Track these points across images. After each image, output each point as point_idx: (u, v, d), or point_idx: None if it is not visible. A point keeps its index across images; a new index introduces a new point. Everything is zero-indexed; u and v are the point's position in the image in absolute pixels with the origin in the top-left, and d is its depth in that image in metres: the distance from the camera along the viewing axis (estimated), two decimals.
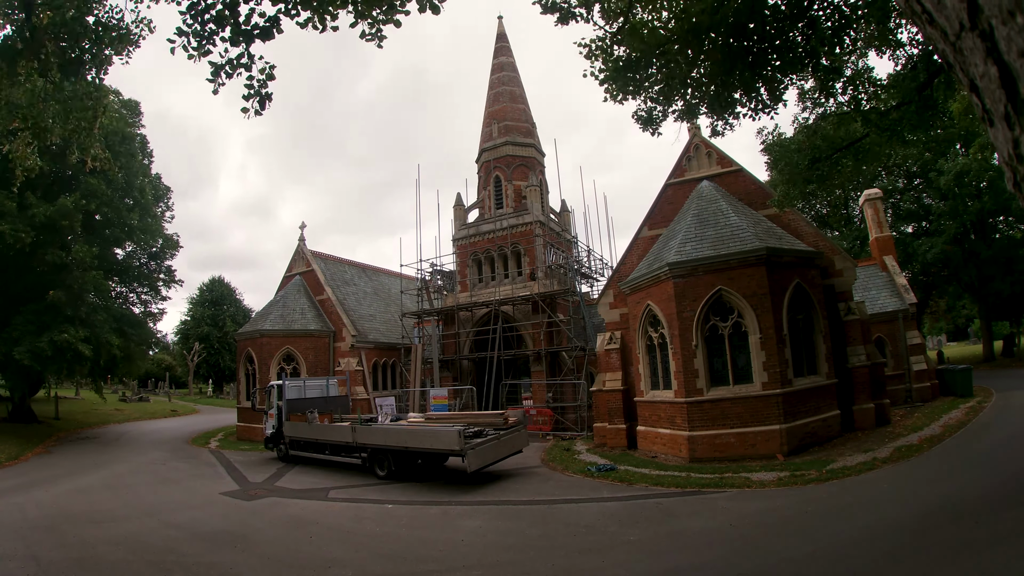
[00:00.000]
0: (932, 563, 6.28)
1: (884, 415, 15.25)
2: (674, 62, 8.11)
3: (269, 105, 6.51)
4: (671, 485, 11.35)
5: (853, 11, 8.26)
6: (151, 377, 59.47)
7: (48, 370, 25.09)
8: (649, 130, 9.34)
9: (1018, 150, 1.07)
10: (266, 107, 6.52)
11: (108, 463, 17.71)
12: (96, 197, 22.08)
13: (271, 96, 6.49)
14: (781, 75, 8.63)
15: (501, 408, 20.50)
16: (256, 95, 6.41)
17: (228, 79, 6.35)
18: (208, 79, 6.29)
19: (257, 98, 6.43)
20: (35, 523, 10.26)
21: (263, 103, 6.49)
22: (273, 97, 6.50)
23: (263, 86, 6.40)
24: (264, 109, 6.53)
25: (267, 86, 6.43)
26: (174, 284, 29.11)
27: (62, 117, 8.02)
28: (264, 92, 6.43)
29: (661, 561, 7.24)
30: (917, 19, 1.27)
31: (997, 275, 30.23)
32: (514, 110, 26.86)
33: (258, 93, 6.41)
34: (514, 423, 14.48)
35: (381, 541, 8.77)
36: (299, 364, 24.61)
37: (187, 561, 7.93)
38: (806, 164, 11.72)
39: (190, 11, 5.97)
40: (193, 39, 6.05)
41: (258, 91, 6.40)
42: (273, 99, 6.50)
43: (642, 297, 15.53)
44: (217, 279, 59.66)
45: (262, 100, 6.46)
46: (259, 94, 6.41)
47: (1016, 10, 0.94)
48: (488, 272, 25.14)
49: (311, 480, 14.33)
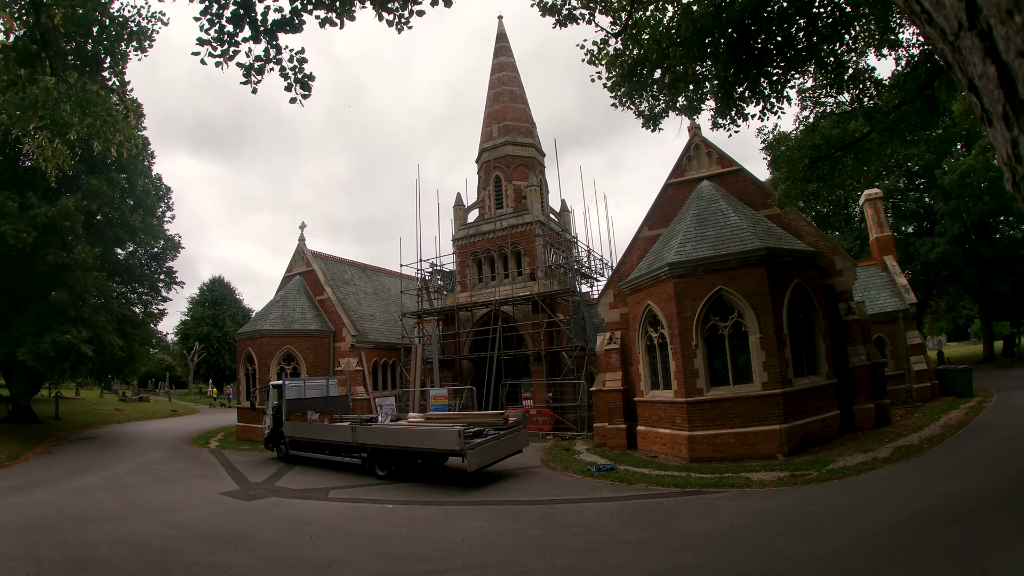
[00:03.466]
0: (932, 563, 6.27)
1: (884, 415, 15.24)
2: (678, 62, 8.11)
3: (312, 86, 6.44)
4: (671, 485, 11.35)
5: (854, 8, 8.26)
6: (151, 377, 59.51)
7: (51, 371, 25.11)
8: (649, 126, 9.33)
9: (1017, 150, 1.07)
10: (310, 89, 6.47)
11: (108, 463, 17.71)
12: (97, 197, 22.06)
13: (312, 76, 6.43)
14: (783, 73, 8.63)
15: (501, 408, 20.48)
16: (296, 81, 6.37)
17: (261, 76, 6.31)
18: (242, 82, 6.27)
19: (298, 84, 6.39)
20: (35, 523, 10.26)
21: (306, 86, 6.44)
22: (315, 76, 6.44)
23: (299, 71, 6.35)
24: (309, 92, 6.48)
25: (303, 69, 6.38)
26: (175, 285, 29.17)
27: (79, 114, 7.99)
28: (302, 76, 6.38)
29: (661, 561, 7.24)
30: (916, 18, 1.27)
31: (997, 275, 30.23)
32: (514, 110, 26.86)
33: (298, 79, 6.37)
34: (514, 423, 14.47)
35: (381, 541, 8.77)
36: (299, 364, 24.61)
37: (187, 561, 7.93)
38: (807, 163, 11.71)
39: (204, 14, 5.92)
40: (215, 45, 6.01)
41: (297, 77, 6.36)
42: (315, 78, 6.45)
43: (642, 297, 15.53)
44: (217, 279, 59.68)
45: (304, 84, 6.42)
46: (299, 80, 6.38)
47: (1014, 9, 0.94)
48: (488, 272, 25.14)
49: (311, 480, 14.33)
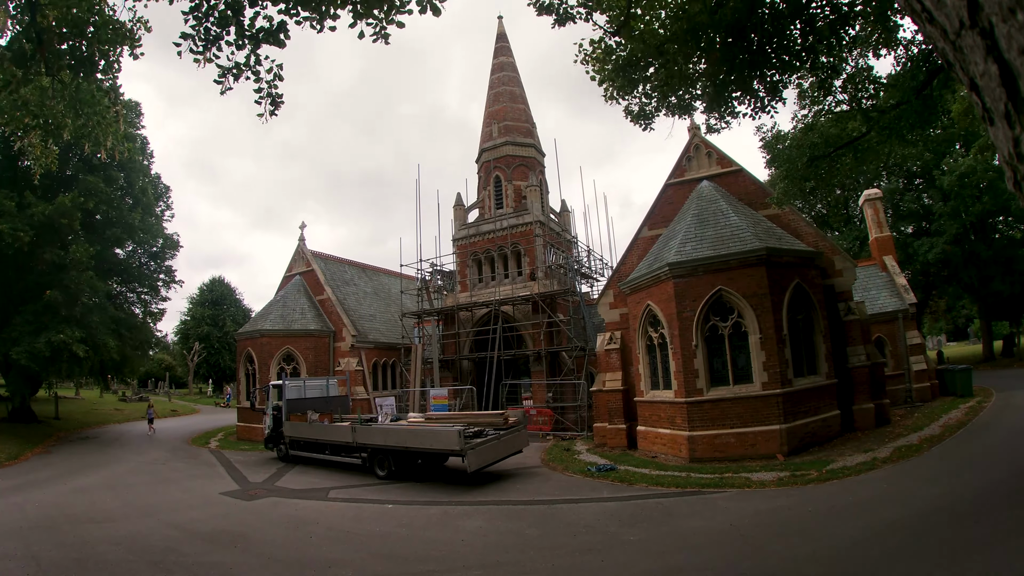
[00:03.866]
0: (932, 563, 6.28)
1: (884, 415, 15.24)
2: (673, 61, 8.11)
3: (281, 107, 6.43)
4: (671, 485, 11.35)
5: (851, 7, 8.25)
6: (151, 377, 59.48)
7: (46, 371, 25.06)
8: (641, 124, 9.30)
9: (1018, 149, 1.07)
10: (279, 108, 6.45)
11: (108, 463, 17.72)
12: (95, 196, 22.04)
13: (282, 97, 6.42)
14: (780, 74, 8.62)
15: (501, 408, 20.49)
16: (267, 96, 6.35)
17: (236, 81, 6.28)
18: (216, 80, 6.23)
19: (268, 100, 6.37)
20: (35, 523, 10.26)
21: (275, 103, 6.42)
22: (283, 99, 6.42)
23: (272, 87, 6.33)
24: (277, 110, 6.46)
25: (276, 87, 6.35)
26: (174, 284, 29.18)
27: (72, 114, 7.99)
28: (274, 93, 6.36)
29: (661, 561, 7.24)
30: (916, 17, 1.27)
31: (997, 275, 30.24)
32: (514, 110, 26.86)
33: (269, 95, 6.35)
34: (514, 423, 14.47)
35: (381, 541, 8.77)
36: (299, 364, 24.61)
37: (187, 561, 7.93)
38: (805, 162, 11.71)
39: (192, 12, 5.89)
40: (198, 42, 5.98)
41: (268, 93, 6.34)
42: (284, 101, 6.43)
43: (642, 297, 15.53)
44: (217, 279, 59.68)
45: (274, 101, 6.41)
46: (270, 95, 6.36)
47: (1016, 7, 0.94)
48: (488, 272, 25.13)
49: (311, 480, 14.33)
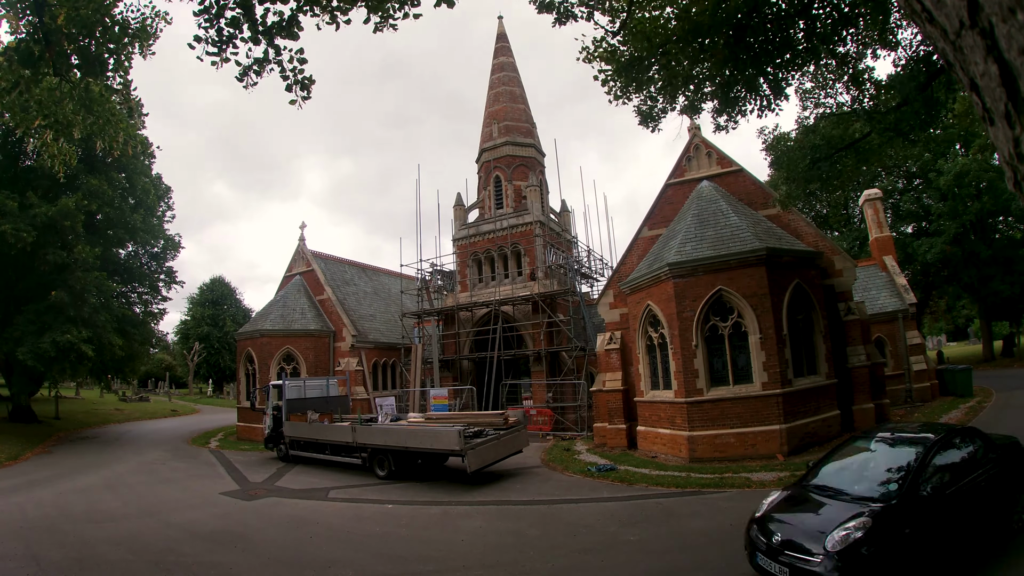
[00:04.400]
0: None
1: (884, 415, 15.23)
2: (676, 61, 8.11)
3: (312, 88, 6.43)
4: (671, 485, 11.35)
5: (852, 8, 8.26)
6: (151, 377, 59.50)
7: (51, 370, 25.11)
8: (650, 126, 9.31)
9: (1018, 149, 1.07)
10: (310, 91, 6.45)
11: (108, 463, 17.72)
12: (98, 197, 22.05)
13: (312, 79, 6.41)
14: (782, 73, 8.62)
15: (501, 408, 20.49)
16: (296, 83, 6.36)
17: (258, 76, 6.28)
18: (236, 77, 6.23)
19: (298, 85, 6.37)
20: (35, 523, 10.26)
21: (306, 88, 6.42)
22: (314, 78, 6.41)
23: (299, 72, 6.33)
24: (309, 93, 6.46)
25: (303, 70, 6.35)
26: (175, 284, 29.20)
27: (82, 112, 7.98)
28: (302, 78, 6.36)
29: (661, 561, 7.25)
30: (916, 17, 1.27)
31: (997, 275, 30.25)
32: (514, 110, 26.85)
33: (298, 80, 6.35)
34: (514, 423, 14.48)
35: (381, 541, 8.77)
36: (299, 364, 24.61)
37: (187, 561, 7.93)
38: (807, 163, 11.72)
39: (203, 15, 5.87)
40: (211, 45, 5.96)
41: (297, 79, 6.34)
42: (315, 80, 6.42)
43: (642, 297, 15.53)
44: (217, 279, 59.64)
45: (304, 85, 6.40)
46: (299, 81, 6.36)
47: (1016, 7, 0.94)
48: (488, 272, 25.13)
49: (311, 480, 14.33)
